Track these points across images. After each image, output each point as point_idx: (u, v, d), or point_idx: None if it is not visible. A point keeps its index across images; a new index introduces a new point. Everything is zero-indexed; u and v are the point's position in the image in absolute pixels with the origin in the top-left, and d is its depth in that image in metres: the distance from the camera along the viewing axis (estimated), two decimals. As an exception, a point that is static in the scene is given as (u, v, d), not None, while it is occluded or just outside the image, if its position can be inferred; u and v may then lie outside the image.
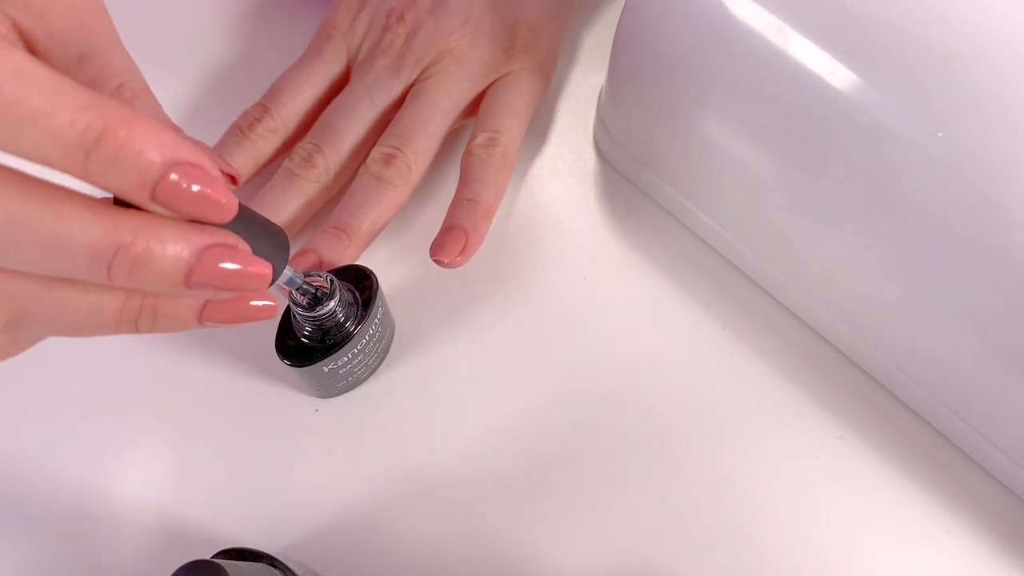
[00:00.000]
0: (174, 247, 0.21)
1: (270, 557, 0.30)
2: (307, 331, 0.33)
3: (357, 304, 0.34)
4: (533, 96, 0.40)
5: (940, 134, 0.27)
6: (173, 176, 0.20)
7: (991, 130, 0.27)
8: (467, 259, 0.36)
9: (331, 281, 0.32)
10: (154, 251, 0.21)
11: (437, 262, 0.35)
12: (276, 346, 0.34)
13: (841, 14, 0.29)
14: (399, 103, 0.39)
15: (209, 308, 0.24)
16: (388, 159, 0.37)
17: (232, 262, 0.22)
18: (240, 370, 0.37)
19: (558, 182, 0.41)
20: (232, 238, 0.22)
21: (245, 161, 0.37)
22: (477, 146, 0.38)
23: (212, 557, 0.30)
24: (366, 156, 0.38)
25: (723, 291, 0.39)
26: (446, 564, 0.35)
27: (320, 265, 0.35)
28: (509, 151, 0.38)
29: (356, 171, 0.38)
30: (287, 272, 0.28)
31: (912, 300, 0.31)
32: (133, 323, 0.23)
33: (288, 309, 0.34)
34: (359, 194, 0.36)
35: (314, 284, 0.32)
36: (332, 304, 0.32)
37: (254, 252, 0.23)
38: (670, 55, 0.33)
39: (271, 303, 0.24)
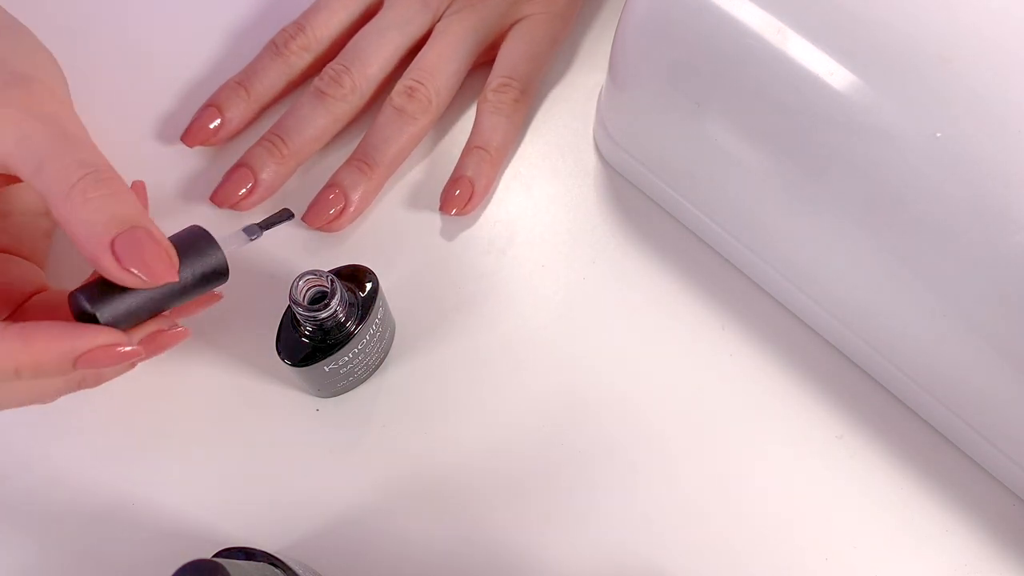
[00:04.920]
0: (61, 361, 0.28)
1: (271, 556, 0.30)
2: (307, 331, 0.33)
3: (357, 304, 0.34)
4: (550, 40, 0.41)
5: (939, 134, 0.27)
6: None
7: (990, 130, 0.27)
8: (474, 208, 0.39)
9: (331, 281, 0.32)
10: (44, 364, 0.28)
11: (445, 213, 0.39)
12: (276, 346, 0.34)
13: (840, 15, 0.29)
14: (426, 35, 0.40)
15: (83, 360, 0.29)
16: (411, 92, 0.39)
17: (104, 360, 0.29)
18: (240, 370, 0.37)
19: (558, 182, 0.41)
20: (103, 337, 0.28)
21: (277, 77, 0.40)
22: (490, 91, 0.40)
23: (213, 556, 0.30)
24: (391, 82, 0.40)
25: (723, 291, 0.39)
26: (446, 564, 0.35)
27: (345, 198, 0.38)
28: (522, 96, 0.40)
29: (380, 96, 0.40)
30: (243, 238, 0.32)
31: (911, 300, 0.31)
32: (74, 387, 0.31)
33: (288, 309, 0.34)
34: (382, 126, 0.39)
35: (313, 284, 0.32)
36: (332, 304, 0.32)
37: (183, 268, 0.29)
38: (670, 55, 0.33)
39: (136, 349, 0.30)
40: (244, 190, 0.38)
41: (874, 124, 0.28)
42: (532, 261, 0.39)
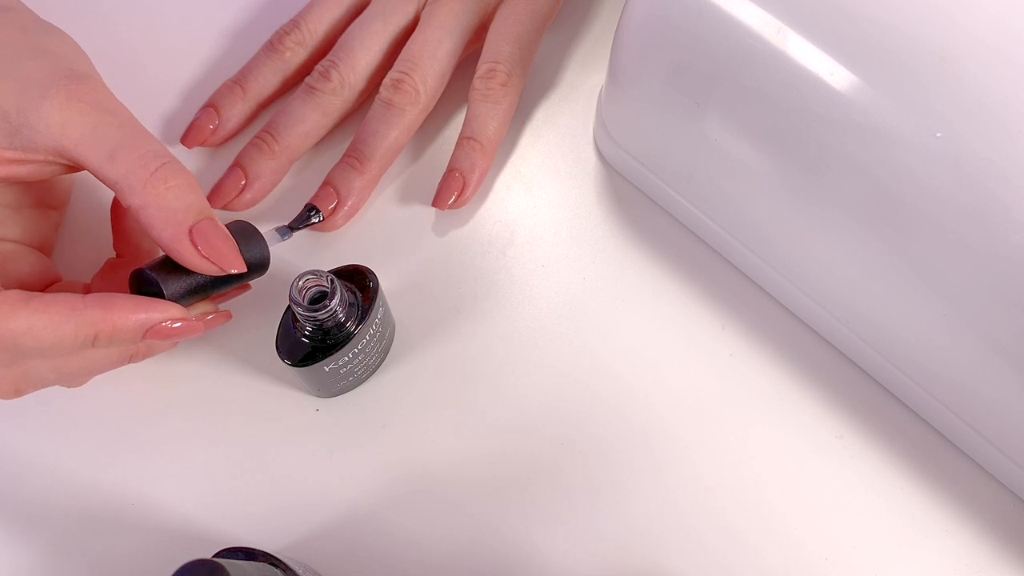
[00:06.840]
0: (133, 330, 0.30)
1: (271, 556, 0.30)
2: (307, 331, 0.33)
3: (357, 304, 0.34)
4: (535, 18, 0.40)
5: (939, 134, 0.27)
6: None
7: (990, 130, 0.27)
8: (467, 201, 0.39)
9: (331, 281, 0.32)
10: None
11: (439, 208, 0.39)
12: (276, 346, 0.34)
13: (840, 14, 0.29)
14: (414, 24, 0.40)
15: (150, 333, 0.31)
16: (397, 84, 0.38)
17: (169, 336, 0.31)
18: (240, 370, 0.37)
19: (558, 182, 0.41)
20: (174, 311, 0.31)
21: (272, 74, 0.40)
22: (477, 79, 0.39)
23: (213, 556, 0.30)
24: (383, 74, 0.40)
25: (722, 291, 0.39)
26: (446, 564, 0.35)
27: (338, 196, 0.38)
28: (509, 79, 0.39)
29: (374, 88, 0.40)
30: (276, 237, 0.35)
31: (911, 300, 0.31)
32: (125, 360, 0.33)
33: (288, 309, 0.34)
34: (371, 121, 0.39)
35: (313, 284, 0.32)
36: (332, 304, 0.32)
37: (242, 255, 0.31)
38: (669, 55, 0.33)
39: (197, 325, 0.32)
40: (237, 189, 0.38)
41: (874, 124, 0.28)
42: (532, 261, 0.39)
